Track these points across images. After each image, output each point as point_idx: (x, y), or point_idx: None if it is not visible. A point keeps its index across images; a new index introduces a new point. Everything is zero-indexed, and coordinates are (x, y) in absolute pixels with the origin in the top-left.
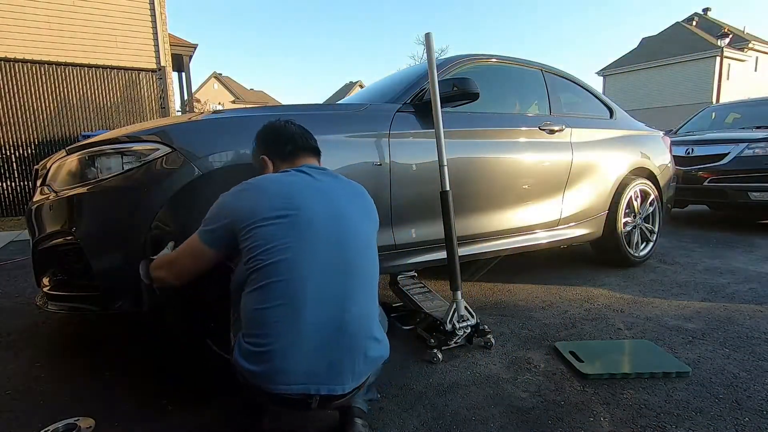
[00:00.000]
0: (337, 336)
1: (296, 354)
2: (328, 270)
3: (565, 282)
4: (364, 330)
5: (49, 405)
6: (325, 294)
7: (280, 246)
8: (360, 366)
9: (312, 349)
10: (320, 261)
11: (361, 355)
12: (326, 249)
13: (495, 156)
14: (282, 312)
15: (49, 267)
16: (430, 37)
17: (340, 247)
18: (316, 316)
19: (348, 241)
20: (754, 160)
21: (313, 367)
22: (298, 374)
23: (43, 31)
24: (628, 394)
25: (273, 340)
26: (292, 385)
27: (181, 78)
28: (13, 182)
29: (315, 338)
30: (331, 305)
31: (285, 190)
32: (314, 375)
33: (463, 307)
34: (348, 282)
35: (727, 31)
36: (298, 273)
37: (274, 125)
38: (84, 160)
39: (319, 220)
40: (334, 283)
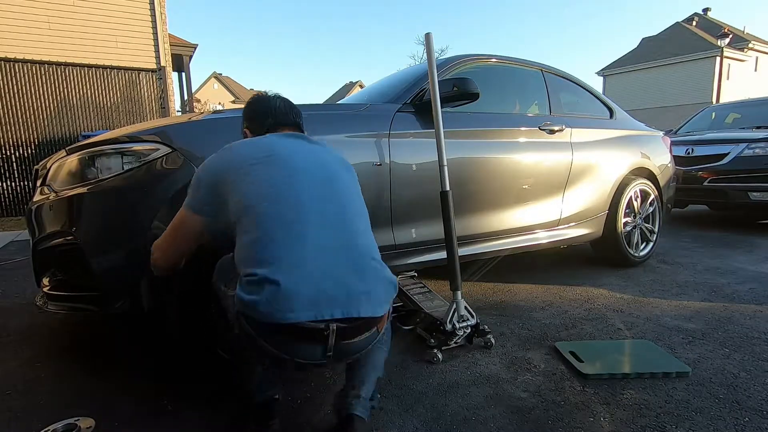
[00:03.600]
0: (344, 256)
1: (302, 275)
2: (322, 198)
3: (565, 282)
4: (370, 252)
5: (49, 405)
6: (326, 217)
7: (268, 181)
8: (371, 284)
9: (319, 270)
10: (312, 190)
11: (371, 276)
12: (313, 182)
13: (495, 156)
14: (282, 234)
15: (49, 267)
16: (430, 37)
17: (327, 181)
18: (319, 237)
19: (333, 178)
20: (754, 160)
21: (323, 290)
22: (307, 298)
23: (43, 31)
24: (628, 394)
25: (275, 262)
26: (302, 311)
27: (181, 78)
28: (13, 182)
29: (320, 259)
30: (333, 227)
31: (260, 142)
32: (325, 299)
33: (463, 307)
34: (344, 209)
35: (727, 31)
36: (294, 198)
37: (258, 98)
38: (84, 160)
39: (300, 160)
40: (331, 209)
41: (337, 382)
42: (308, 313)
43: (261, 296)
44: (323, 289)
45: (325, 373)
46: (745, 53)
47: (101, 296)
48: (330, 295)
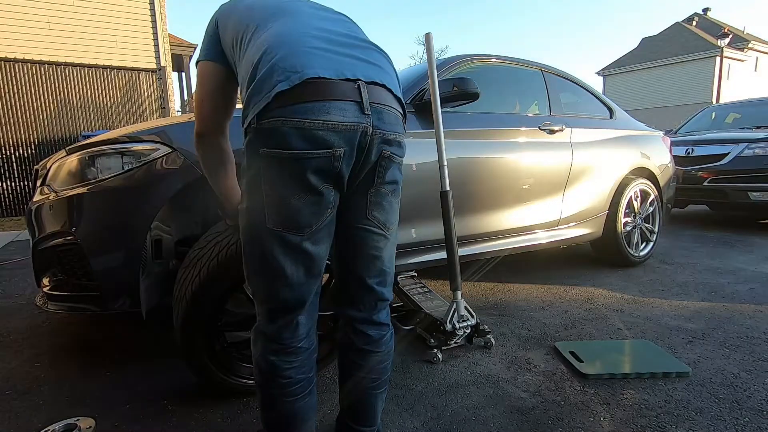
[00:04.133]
0: (357, 43)
1: (314, 46)
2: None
3: (565, 282)
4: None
5: (49, 405)
6: (324, 19)
7: (274, 10)
8: (385, 66)
9: (323, 45)
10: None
11: (375, 56)
12: (314, 16)
13: (495, 156)
14: (280, 21)
15: (49, 267)
16: (430, 37)
17: (327, 20)
18: (324, 28)
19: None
20: (754, 160)
21: (335, 56)
22: (319, 59)
23: (43, 31)
24: (628, 394)
25: (271, 45)
26: (319, 69)
27: (181, 78)
28: (13, 182)
29: (324, 37)
30: (333, 23)
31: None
32: (340, 62)
33: (463, 307)
34: (342, 17)
35: (727, 31)
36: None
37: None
38: (84, 160)
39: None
40: (329, 14)
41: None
42: (328, 71)
43: (269, 76)
44: (337, 57)
45: (325, 374)
46: (745, 53)
47: (101, 296)
48: (346, 62)
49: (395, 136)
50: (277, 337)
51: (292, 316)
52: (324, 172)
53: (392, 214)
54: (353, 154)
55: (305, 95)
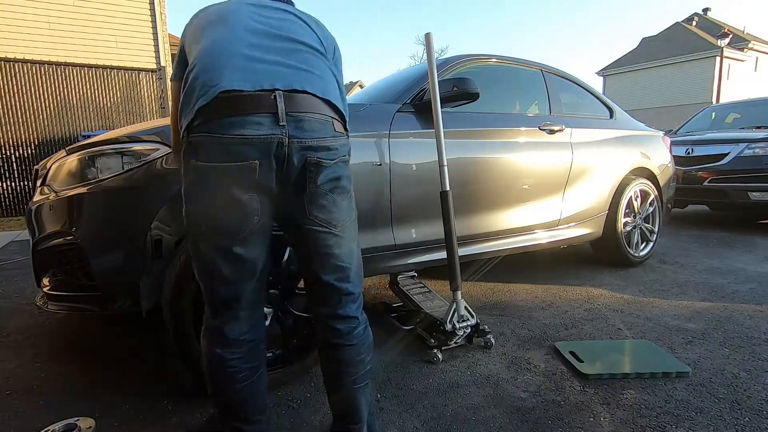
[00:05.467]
0: (279, 49)
1: (230, 60)
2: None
3: (565, 282)
4: (309, 41)
5: (49, 405)
6: (259, 20)
7: (212, 35)
8: (317, 69)
9: (250, 57)
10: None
11: (315, 63)
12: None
13: (495, 156)
14: (214, 31)
15: (49, 267)
16: (430, 37)
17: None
18: (252, 45)
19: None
20: (754, 160)
21: (258, 67)
22: (239, 70)
23: (43, 31)
24: (628, 394)
25: (201, 65)
26: (236, 81)
27: None
28: (13, 182)
29: (252, 50)
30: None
31: (221, 5)
32: (262, 72)
33: (463, 307)
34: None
35: (727, 31)
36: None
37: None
38: (84, 160)
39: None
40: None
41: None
42: (244, 83)
43: (193, 90)
44: (258, 66)
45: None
46: (745, 53)
47: (101, 296)
48: (267, 70)
49: (320, 141)
50: (221, 330)
51: (233, 312)
52: (244, 182)
53: (338, 212)
54: (272, 165)
55: (222, 110)
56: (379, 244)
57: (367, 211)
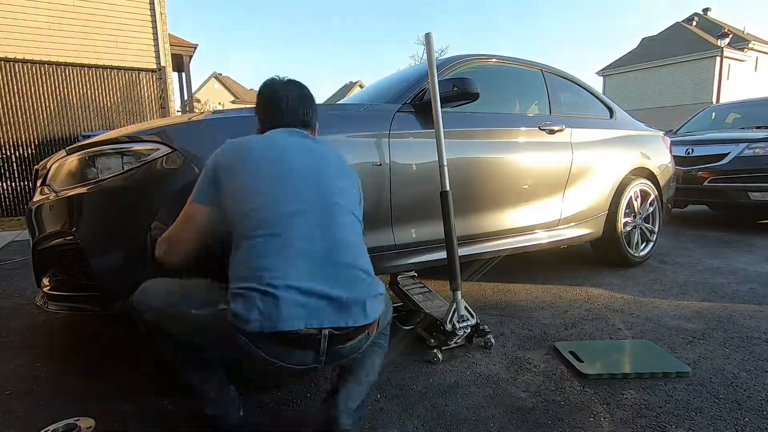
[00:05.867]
0: (331, 267)
1: (290, 287)
2: (313, 207)
3: (565, 282)
4: (359, 263)
5: (49, 405)
6: (315, 228)
7: (260, 185)
8: (358, 295)
9: (306, 282)
10: (304, 196)
11: (358, 287)
12: (307, 188)
13: (495, 156)
14: (269, 247)
15: (49, 267)
16: (430, 37)
17: (321, 188)
18: (307, 248)
19: (328, 185)
20: (754, 160)
21: (311, 300)
22: (296, 308)
23: (43, 31)
24: (628, 394)
25: (264, 275)
26: (292, 321)
27: (181, 78)
28: (13, 182)
29: (308, 271)
30: (321, 239)
31: (267, 143)
32: (314, 309)
33: (463, 307)
34: (335, 219)
35: (727, 31)
36: (284, 207)
37: (271, 88)
38: (84, 160)
39: (296, 162)
40: (322, 219)
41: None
42: (299, 322)
43: (252, 309)
44: (311, 300)
45: (326, 373)
46: (745, 53)
47: (101, 296)
48: (318, 306)
49: (351, 350)
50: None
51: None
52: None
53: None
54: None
55: (274, 340)
56: (379, 244)
57: (368, 212)
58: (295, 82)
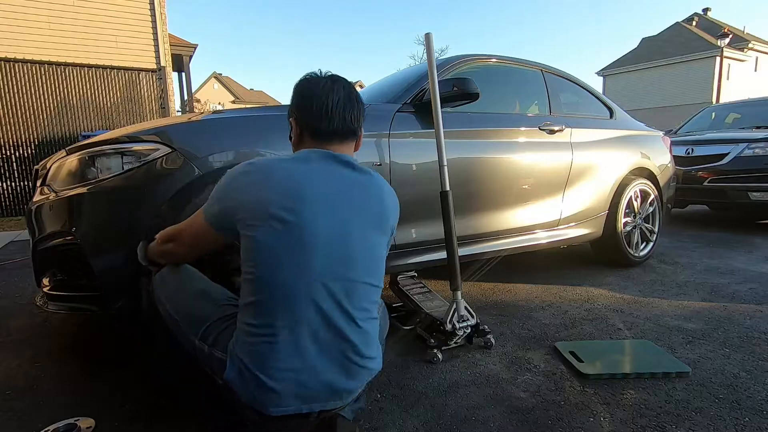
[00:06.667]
0: (335, 352)
1: (290, 377)
2: (328, 288)
3: (565, 282)
4: (363, 349)
5: (49, 405)
6: (325, 314)
7: (277, 258)
8: (356, 382)
9: (309, 369)
10: (321, 278)
11: (358, 376)
12: (327, 264)
13: (495, 156)
14: (281, 332)
15: (49, 267)
16: (430, 38)
17: (341, 265)
18: (314, 337)
19: (351, 258)
20: (754, 160)
21: (310, 387)
22: (293, 396)
23: (43, 31)
24: (628, 394)
25: (269, 362)
26: (284, 408)
27: (181, 78)
28: (13, 182)
29: (312, 359)
30: (329, 326)
31: (292, 186)
32: (309, 396)
33: (463, 307)
34: (349, 301)
35: (727, 31)
36: (293, 293)
37: (312, 87)
38: (84, 160)
39: (321, 232)
40: (334, 302)
41: None
42: (288, 409)
43: (247, 386)
44: (308, 393)
45: None
46: (745, 53)
47: (101, 296)
48: (314, 393)
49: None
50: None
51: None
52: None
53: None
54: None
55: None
56: None
57: None
58: (341, 81)
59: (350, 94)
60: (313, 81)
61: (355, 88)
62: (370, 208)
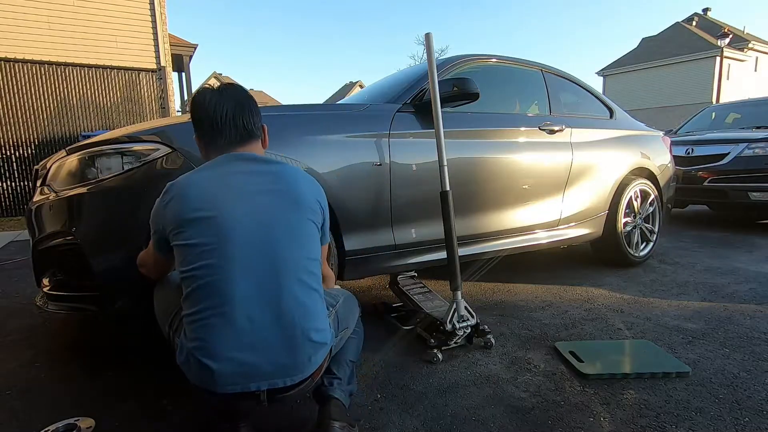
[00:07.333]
0: (273, 331)
1: (230, 355)
2: (256, 268)
3: (565, 282)
4: (303, 321)
5: (49, 405)
6: (256, 292)
7: (203, 249)
8: (299, 357)
9: (247, 347)
10: (246, 260)
11: (300, 349)
12: (251, 247)
13: (495, 156)
14: (210, 314)
15: (49, 267)
16: (430, 38)
17: (265, 244)
18: (248, 315)
19: (274, 237)
20: (754, 160)
21: (251, 364)
22: (235, 375)
23: (43, 31)
24: (628, 394)
25: (205, 343)
26: (230, 386)
27: (181, 78)
28: (13, 182)
29: (249, 337)
30: (263, 303)
31: (204, 194)
32: (253, 373)
33: (463, 307)
34: (280, 277)
35: (727, 31)
36: (223, 275)
37: (205, 104)
38: (84, 160)
39: (240, 220)
40: (264, 280)
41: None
42: (234, 387)
43: (191, 368)
44: (253, 369)
45: None
46: (745, 53)
47: (101, 296)
48: (256, 371)
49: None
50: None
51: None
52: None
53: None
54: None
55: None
56: (379, 244)
57: (368, 212)
58: (229, 89)
59: (239, 101)
60: (201, 96)
61: (246, 92)
62: (283, 191)
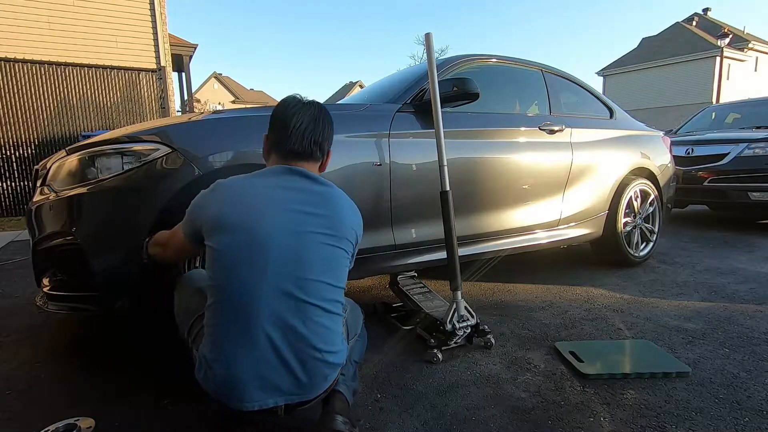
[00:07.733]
0: (292, 353)
1: (249, 373)
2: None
3: (565, 282)
4: (322, 345)
5: (49, 405)
6: (280, 312)
7: (233, 261)
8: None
9: (267, 365)
10: (274, 279)
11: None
12: (281, 267)
13: (495, 156)
14: (234, 330)
15: (49, 267)
16: (430, 38)
17: (296, 266)
18: (270, 335)
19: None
20: (754, 160)
21: (271, 382)
22: (255, 392)
23: (43, 31)
24: (628, 394)
25: (225, 359)
26: (248, 402)
27: (181, 78)
28: (13, 182)
29: (269, 355)
30: (286, 325)
31: (247, 203)
32: (272, 390)
33: (463, 307)
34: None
35: (727, 31)
36: (249, 292)
37: (286, 109)
38: (84, 160)
39: (275, 238)
40: (289, 302)
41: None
42: (254, 404)
43: (211, 383)
44: (269, 383)
45: None
46: (745, 53)
47: (101, 296)
48: (275, 389)
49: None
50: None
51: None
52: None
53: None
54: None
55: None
56: (379, 244)
57: (368, 212)
58: (312, 105)
59: (317, 119)
60: (285, 103)
61: (327, 116)
62: (325, 214)
